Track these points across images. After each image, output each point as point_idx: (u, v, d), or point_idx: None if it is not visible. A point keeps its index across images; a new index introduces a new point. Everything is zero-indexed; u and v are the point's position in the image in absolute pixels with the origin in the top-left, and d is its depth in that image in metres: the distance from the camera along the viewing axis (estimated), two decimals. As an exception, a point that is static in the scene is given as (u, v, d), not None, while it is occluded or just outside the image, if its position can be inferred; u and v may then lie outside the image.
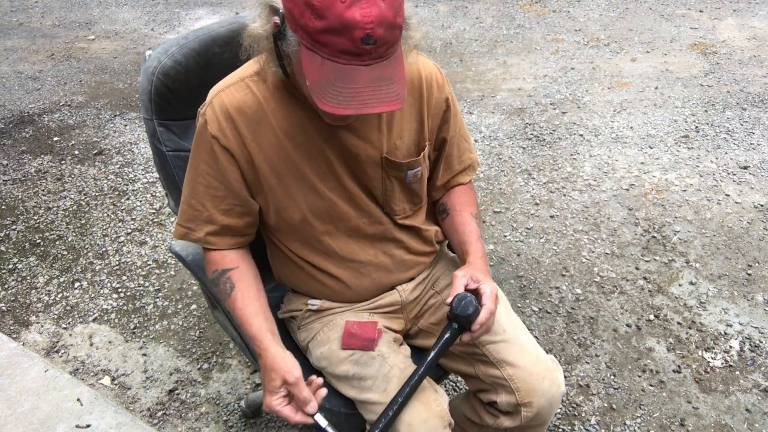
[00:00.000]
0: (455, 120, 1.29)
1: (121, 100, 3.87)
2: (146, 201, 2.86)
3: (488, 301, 1.13)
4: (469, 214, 1.31)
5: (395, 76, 0.96)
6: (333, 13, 0.89)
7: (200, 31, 1.34)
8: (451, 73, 4.04)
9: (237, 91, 1.12)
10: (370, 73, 0.93)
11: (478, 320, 1.12)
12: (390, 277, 1.31)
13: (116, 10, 5.54)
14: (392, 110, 0.96)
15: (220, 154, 1.12)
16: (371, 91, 0.93)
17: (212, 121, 1.11)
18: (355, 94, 0.93)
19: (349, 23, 0.89)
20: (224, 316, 1.31)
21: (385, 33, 0.92)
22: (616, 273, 2.35)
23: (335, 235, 1.23)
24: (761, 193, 2.75)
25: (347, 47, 0.91)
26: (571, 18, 4.87)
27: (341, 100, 0.93)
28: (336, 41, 0.91)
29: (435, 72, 1.22)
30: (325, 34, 0.91)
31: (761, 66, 3.92)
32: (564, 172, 2.96)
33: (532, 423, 1.23)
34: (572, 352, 2.04)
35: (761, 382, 1.91)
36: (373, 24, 0.90)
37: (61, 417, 1.71)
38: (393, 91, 0.95)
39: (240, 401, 1.90)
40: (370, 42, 0.91)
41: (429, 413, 1.14)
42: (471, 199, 1.35)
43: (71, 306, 2.30)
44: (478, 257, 1.23)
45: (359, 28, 0.89)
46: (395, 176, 1.22)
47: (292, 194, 1.17)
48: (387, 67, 0.95)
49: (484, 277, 1.17)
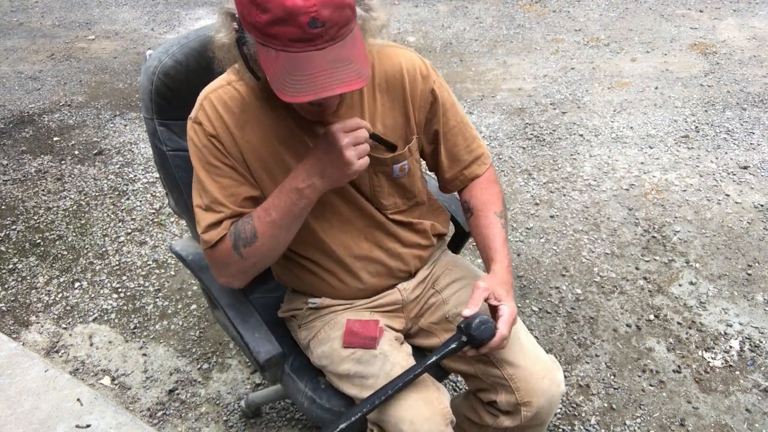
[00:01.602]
0: (452, 111, 1.26)
1: (121, 100, 3.87)
2: (146, 201, 2.86)
3: (504, 325, 1.11)
4: (493, 213, 1.27)
5: (353, 56, 0.95)
6: (275, 4, 0.89)
7: (201, 30, 1.34)
8: (451, 73, 4.04)
9: (224, 93, 1.14)
10: (325, 56, 0.92)
11: (490, 344, 1.11)
12: (387, 271, 1.31)
13: (116, 10, 5.54)
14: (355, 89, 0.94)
15: (221, 148, 1.13)
16: (328, 73, 0.92)
17: (206, 121, 1.13)
18: (312, 80, 0.92)
19: (292, 10, 0.89)
20: (224, 316, 1.31)
21: (333, 14, 0.91)
22: (616, 273, 2.35)
23: (328, 230, 1.23)
24: (761, 193, 2.75)
25: (296, 34, 0.91)
26: (571, 18, 4.88)
27: (300, 88, 0.92)
28: (284, 31, 0.91)
29: (418, 64, 1.21)
30: (273, 25, 0.91)
31: (761, 66, 3.92)
32: (564, 172, 2.96)
33: (532, 422, 1.23)
34: (572, 352, 2.04)
35: (761, 382, 1.91)
36: (317, 7, 0.89)
37: (61, 417, 1.71)
38: (353, 71, 0.94)
39: (240, 401, 1.90)
40: (318, 25, 0.90)
41: (431, 411, 1.14)
42: (494, 195, 1.31)
43: (71, 306, 2.30)
44: (503, 267, 1.20)
45: (303, 13, 0.89)
46: (381, 171, 1.22)
47: None
48: (343, 47, 0.94)
49: (506, 295, 1.15)
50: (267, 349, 1.23)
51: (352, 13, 0.96)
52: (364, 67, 0.95)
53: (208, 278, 1.33)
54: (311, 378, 1.32)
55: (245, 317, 1.28)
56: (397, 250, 1.30)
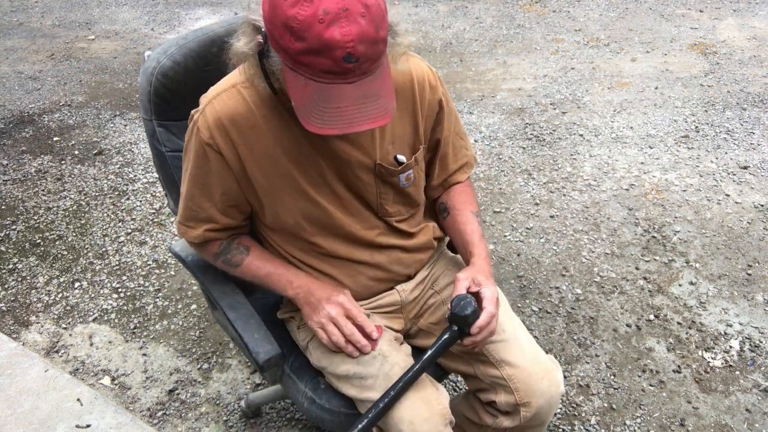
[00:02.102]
0: (449, 119, 1.28)
1: (121, 100, 3.87)
2: (146, 201, 2.86)
3: (489, 304, 1.13)
4: (470, 212, 1.31)
5: (381, 90, 0.95)
6: (312, 34, 0.88)
7: (199, 31, 1.34)
8: (451, 73, 4.04)
9: (229, 99, 1.12)
10: (355, 90, 0.92)
11: (478, 323, 1.12)
12: (387, 276, 1.31)
13: (116, 10, 5.54)
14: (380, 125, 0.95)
15: (213, 160, 1.13)
16: (357, 108, 0.92)
17: (204, 128, 1.11)
18: (339, 114, 0.92)
19: (329, 43, 0.88)
20: (224, 316, 1.31)
21: (368, 49, 0.90)
22: (616, 273, 2.35)
23: (329, 238, 1.24)
24: (761, 193, 2.75)
25: (329, 67, 0.90)
26: (571, 18, 4.87)
27: (326, 120, 0.92)
28: (317, 61, 0.90)
29: (427, 73, 1.21)
30: (306, 55, 0.90)
31: (761, 66, 3.92)
32: (564, 172, 2.96)
33: (531, 423, 1.23)
34: (572, 352, 2.04)
35: (761, 382, 1.91)
36: (354, 42, 0.88)
37: (61, 417, 1.71)
38: (380, 107, 0.94)
39: (240, 401, 1.90)
40: (352, 60, 0.89)
41: (431, 411, 1.14)
42: (470, 197, 1.35)
43: (71, 306, 2.30)
44: (482, 258, 1.23)
45: (340, 48, 0.88)
46: (388, 181, 1.22)
47: (285, 201, 1.17)
48: (372, 82, 0.94)
49: (486, 279, 1.17)
50: (267, 350, 1.23)
51: (384, 46, 0.95)
52: (390, 102, 0.96)
53: (208, 279, 1.34)
54: (311, 378, 1.32)
55: (245, 318, 1.28)
56: (398, 255, 1.30)
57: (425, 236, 1.34)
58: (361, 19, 0.89)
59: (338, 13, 0.87)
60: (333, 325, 1.16)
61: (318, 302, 1.17)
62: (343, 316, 1.16)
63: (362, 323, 1.17)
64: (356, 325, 1.17)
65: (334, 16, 0.87)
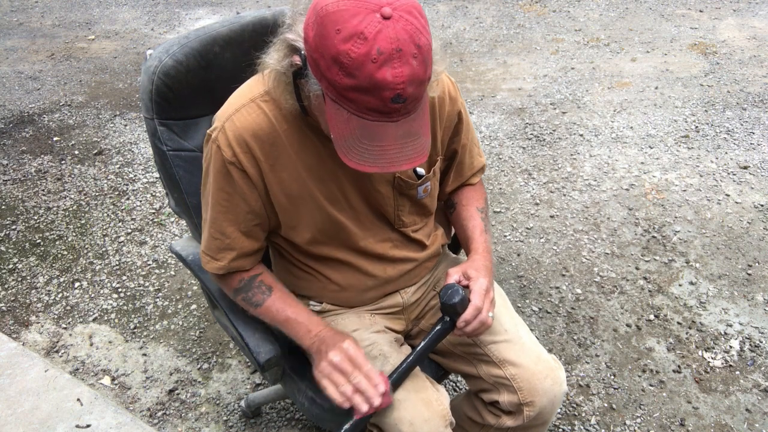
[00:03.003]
0: (467, 129, 1.28)
1: (121, 100, 3.87)
2: (146, 201, 2.86)
3: (475, 297, 1.13)
4: (475, 208, 1.32)
5: (421, 128, 0.94)
6: (363, 73, 0.86)
7: (201, 30, 1.34)
8: (451, 73, 4.04)
9: (249, 114, 1.08)
10: (398, 129, 0.91)
11: (463, 317, 1.12)
12: (393, 286, 1.32)
13: (116, 10, 5.54)
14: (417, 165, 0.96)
15: (237, 178, 1.10)
16: (398, 147, 0.92)
17: (226, 146, 1.08)
18: (382, 153, 0.91)
19: (380, 83, 0.86)
20: (224, 316, 1.31)
21: (416, 90, 0.89)
22: (616, 273, 2.35)
23: (343, 251, 1.23)
24: (761, 193, 2.75)
25: (376, 105, 0.88)
26: (571, 18, 4.87)
27: (367, 157, 0.92)
28: (364, 99, 0.88)
29: (447, 85, 1.20)
30: (354, 92, 0.88)
31: (761, 66, 3.92)
32: (564, 172, 2.96)
33: (534, 422, 1.23)
34: (572, 352, 2.04)
35: (761, 382, 1.91)
36: (404, 84, 0.87)
37: (61, 417, 1.71)
38: (419, 145, 0.94)
39: (240, 401, 1.90)
40: (400, 101, 0.88)
41: (431, 413, 1.14)
42: (479, 193, 1.36)
43: (71, 306, 2.30)
44: (478, 253, 1.23)
45: (390, 89, 0.87)
46: (407, 194, 1.22)
47: (301, 216, 1.16)
48: (414, 120, 0.93)
49: (477, 273, 1.17)
50: (267, 350, 1.23)
51: (428, 84, 0.94)
52: (427, 139, 0.96)
53: (208, 278, 1.33)
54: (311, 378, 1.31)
55: (245, 318, 1.27)
56: (408, 269, 1.30)
57: (435, 246, 1.34)
58: (413, 60, 0.87)
59: (391, 54, 0.85)
60: (339, 374, 1.08)
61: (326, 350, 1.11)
62: (348, 363, 1.08)
63: (368, 373, 1.08)
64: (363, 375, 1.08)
65: (387, 56, 0.85)
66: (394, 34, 0.85)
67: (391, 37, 0.85)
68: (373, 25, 0.85)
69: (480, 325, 1.13)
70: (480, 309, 1.12)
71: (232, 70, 1.26)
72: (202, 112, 1.36)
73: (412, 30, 0.87)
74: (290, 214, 1.16)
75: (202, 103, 1.35)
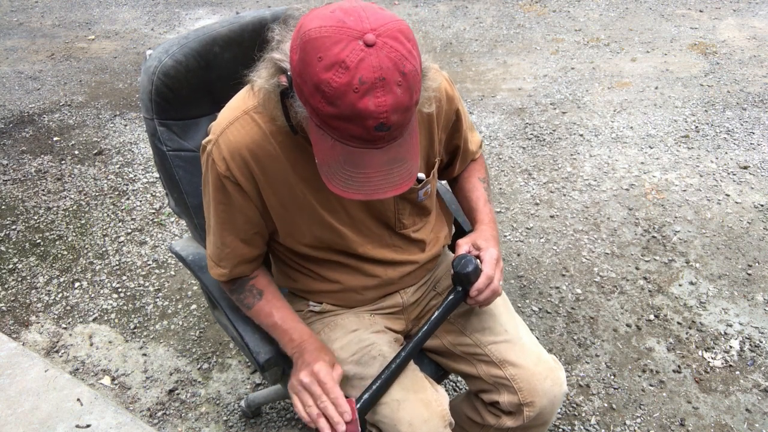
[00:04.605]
0: (465, 122, 1.29)
1: (121, 100, 3.87)
2: (146, 201, 2.86)
3: (487, 266, 1.14)
4: (477, 178, 1.34)
5: (408, 153, 0.92)
6: (345, 103, 0.84)
7: (201, 30, 1.34)
8: (451, 73, 4.04)
9: (242, 127, 1.07)
10: (383, 155, 0.90)
11: (476, 285, 1.13)
12: (394, 288, 1.32)
13: (116, 10, 5.54)
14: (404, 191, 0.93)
15: (233, 191, 1.10)
16: (383, 174, 0.90)
17: (220, 160, 1.07)
18: (366, 180, 0.90)
19: (362, 113, 0.84)
20: (224, 316, 1.31)
21: (401, 117, 0.87)
22: (616, 273, 2.35)
23: (342, 256, 1.23)
24: (761, 193, 2.75)
25: (359, 134, 0.86)
26: (571, 18, 4.87)
27: (351, 184, 0.90)
28: (347, 127, 0.86)
29: (444, 85, 1.19)
30: (337, 120, 0.86)
31: (761, 66, 3.92)
32: (564, 172, 2.96)
33: (535, 423, 1.23)
34: (572, 352, 2.04)
35: (761, 382, 1.91)
36: (387, 113, 0.85)
37: (61, 417, 1.71)
38: (405, 171, 0.92)
39: (240, 401, 1.90)
40: (384, 129, 0.86)
41: (430, 413, 1.14)
42: (480, 165, 1.39)
43: (71, 306, 2.30)
44: (484, 223, 1.25)
45: (373, 118, 0.84)
46: (407, 198, 1.22)
47: (300, 226, 1.17)
48: (400, 146, 0.91)
49: (486, 242, 1.19)
50: (267, 350, 1.23)
51: (415, 108, 0.91)
52: (415, 164, 0.94)
53: (208, 279, 1.33)
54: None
55: (245, 318, 1.27)
56: (409, 271, 1.30)
57: (436, 248, 1.34)
58: (397, 89, 0.84)
59: (374, 83, 0.83)
60: (308, 395, 1.06)
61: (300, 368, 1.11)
62: (316, 386, 1.06)
63: (335, 399, 1.05)
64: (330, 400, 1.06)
65: (369, 85, 0.83)
66: (377, 63, 0.83)
67: (374, 66, 0.83)
68: (356, 54, 0.82)
69: (492, 293, 1.15)
70: (492, 278, 1.14)
71: (232, 70, 1.26)
72: (202, 112, 1.36)
73: (396, 57, 0.84)
74: (288, 224, 1.16)
75: (202, 103, 1.35)
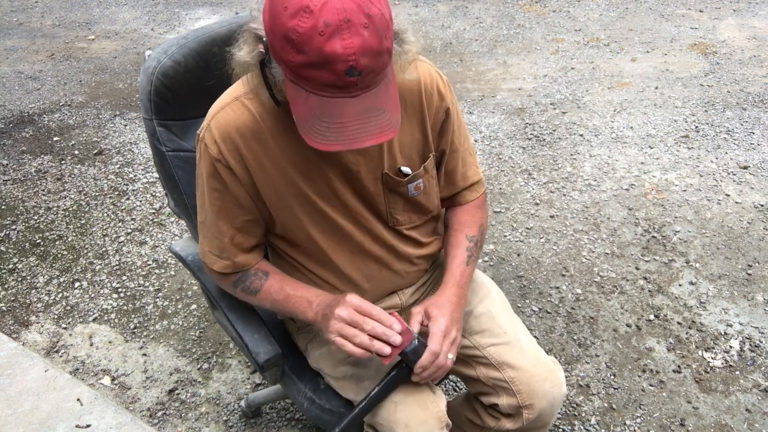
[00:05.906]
0: (458, 133, 1.24)
1: (121, 100, 3.87)
2: (146, 201, 2.86)
3: (433, 341, 1.09)
4: (464, 236, 1.27)
5: (387, 103, 0.92)
6: (312, 47, 0.84)
7: (200, 31, 1.34)
8: (451, 73, 4.04)
9: (233, 111, 1.08)
10: (359, 104, 0.89)
11: (420, 363, 1.08)
12: (391, 287, 1.30)
13: (116, 10, 5.54)
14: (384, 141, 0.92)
15: (225, 175, 1.10)
16: (360, 123, 0.89)
17: (212, 144, 1.08)
18: (342, 129, 0.89)
19: (329, 57, 0.84)
20: (224, 316, 1.31)
21: (371, 62, 0.87)
22: (616, 273, 2.35)
23: (339, 251, 1.21)
24: (761, 193, 2.75)
25: (331, 80, 0.87)
26: (571, 18, 4.87)
27: (328, 135, 0.89)
28: (318, 75, 0.86)
29: (436, 80, 1.17)
30: (307, 68, 0.86)
31: (761, 66, 3.92)
32: (564, 172, 2.96)
33: (534, 425, 1.23)
34: (572, 352, 2.04)
35: (761, 382, 1.91)
36: (356, 55, 0.85)
37: (61, 417, 1.71)
38: (384, 121, 0.91)
39: (240, 401, 1.90)
40: (355, 73, 0.86)
41: (426, 414, 1.13)
42: (473, 218, 1.30)
43: (71, 306, 2.30)
44: (448, 287, 1.19)
45: (341, 61, 0.85)
46: (397, 191, 1.19)
47: (295, 214, 1.16)
48: (376, 95, 0.90)
49: (439, 310, 1.14)
50: (267, 350, 1.23)
51: (389, 57, 0.91)
52: (396, 115, 0.93)
53: (208, 279, 1.33)
54: (311, 378, 1.32)
55: (245, 318, 1.28)
56: (406, 270, 1.28)
57: (433, 247, 1.32)
58: (364, 31, 0.85)
59: (339, 25, 0.84)
60: (350, 328, 1.05)
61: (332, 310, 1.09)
62: (356, 314, 1.06)
63: (379, 316, 1.06)
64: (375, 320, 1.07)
65: (335, 28, 0.83)
66: (340, 5, 0.84)
67: (337, 8, 0.84)
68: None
69: (437, 369, 1.10)
70: (437, 353, 1.09)
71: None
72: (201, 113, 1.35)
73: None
74: (281, 210, 1.15)
75: (201, 104, 1.34)
